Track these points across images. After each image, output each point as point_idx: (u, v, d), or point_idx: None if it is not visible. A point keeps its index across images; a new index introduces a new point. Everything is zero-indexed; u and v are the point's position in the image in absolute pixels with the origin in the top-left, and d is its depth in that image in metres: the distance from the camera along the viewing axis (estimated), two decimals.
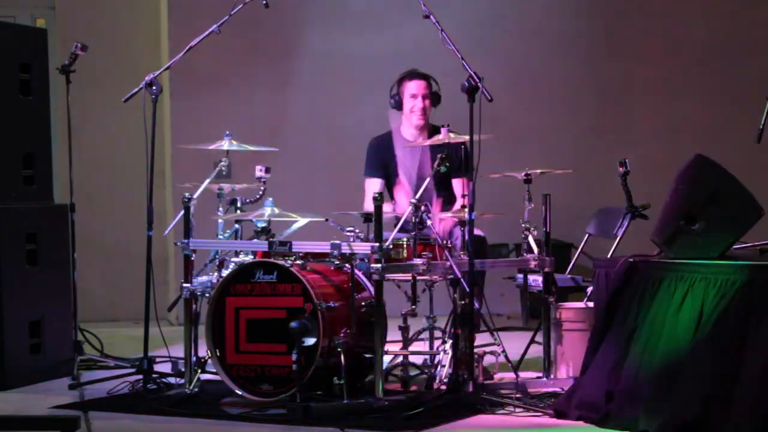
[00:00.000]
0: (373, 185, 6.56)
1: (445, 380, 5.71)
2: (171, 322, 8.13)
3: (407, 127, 6.57)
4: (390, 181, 6.58)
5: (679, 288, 4.98)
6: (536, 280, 6.02)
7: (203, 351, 5.77)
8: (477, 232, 6.23)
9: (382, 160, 6.59)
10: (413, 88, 6.48)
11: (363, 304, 5.73)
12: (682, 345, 4.89)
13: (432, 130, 6.46)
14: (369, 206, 6.42)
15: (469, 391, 5.41)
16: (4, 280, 6.19)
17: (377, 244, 5.45)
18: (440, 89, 6.50)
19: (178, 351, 6.07)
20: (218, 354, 5.64)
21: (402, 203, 6.30)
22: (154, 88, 6.08)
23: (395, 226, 5.78)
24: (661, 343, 4.97)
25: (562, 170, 6.17)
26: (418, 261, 5.64)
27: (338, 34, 9.23)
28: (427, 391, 5.76)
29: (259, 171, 6.03)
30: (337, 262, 5.77)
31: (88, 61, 6.62)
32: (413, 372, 6.03)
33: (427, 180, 5.80)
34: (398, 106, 6.55)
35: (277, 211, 5.80)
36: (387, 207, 6.20)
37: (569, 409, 5.23)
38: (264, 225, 5.86)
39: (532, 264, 5.93)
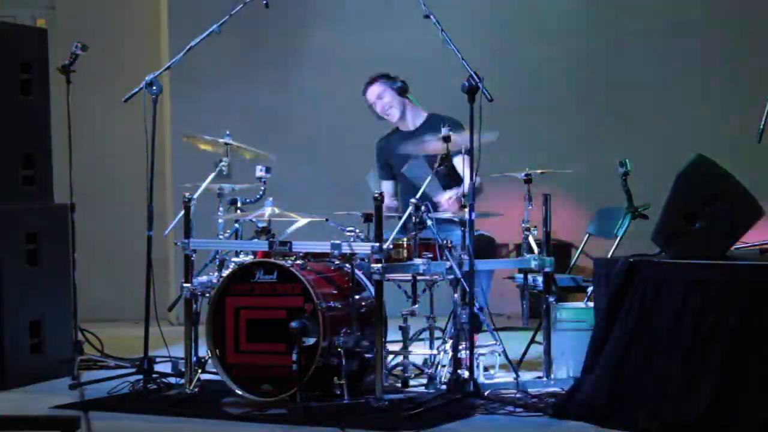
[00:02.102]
0: (385, 186, 6.69)
1: (445, 380, 5.71)
2: (171, 322, 8.13)
3: (393, 123, 6.72)
4: (394, 178, 6.68)
5: (679, 288, 4.97)
6: (536, 280, 6.02)
7: (203, 351, 5.78)
8: (483, 231, 6.25)
9: (387, 161, 6.70)
10: (369, 97, 6.67)
11: (363, 304, 5.73)
12: (683, 345, 4.89)
13: (429, 117, 6.57)
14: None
15: (469, 391, 5.41)
16: (4, 280, 6.19)
17: (377, 244, 5.45)
18: (396, 77, 6.59)
19: (178, 351, 6.07)
20: (218, 354, 5.64)
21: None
22: (154, 88, 6.08)
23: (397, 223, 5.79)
24: (662, 343, 4.97)
25: (562, 170, 6.17)
26: (418, 261, 5.64)
27: (338, 34, 9.23)
28: (427, 391, 5.77)
29: (259, 171, 6.03)
30: (337, 262, 5.77)
31: (88, 61, 6.62)
32: (413, 372, 6.03)
33: (428, 179, 5.80)
34: (378, 117, 6.71)
35: (277, 211, 5.81)
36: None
37: (569, 409, 5.23)
38: (264, 225, 5.86)
39: (533, 264, 5.93)
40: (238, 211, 6.07)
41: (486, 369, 6.02)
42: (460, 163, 6.24)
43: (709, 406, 4.73)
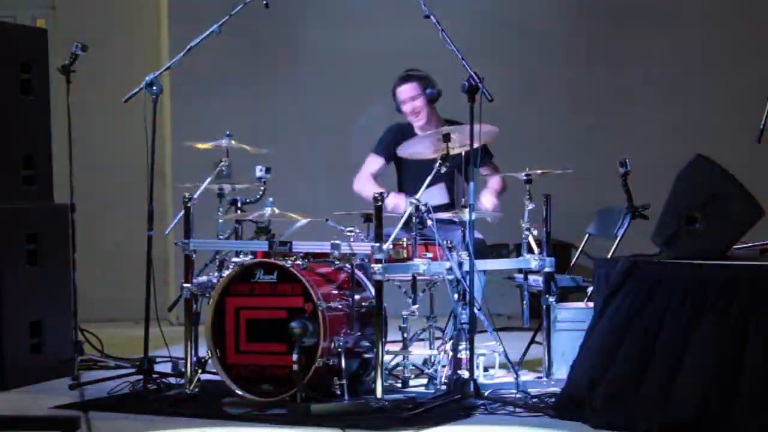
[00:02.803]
0: (373, 162, 6.59)
1: (445, 380, 5.71)
2: (171, 322, 8.13)
3: (417, 128, 6.58)
4: (398, 166, 6.60)
5: (679, 288, 4.97)
6: (536, 280, 6.02)
7: (203, 351, 5.77)
8: (476, 234, 6.22)
9: (396, 144, 6.38)
10: (402, 93, 6.53)
11: (363, 304, 5.73)
12: (682, 345, 4.88)
13: (447, 123, 6.50)
14: (360, 182, 6.48)
15: (469, 392, 5.41)
16: (4, 280, 6.19)
17: (377, 244, 5.45)
18: (434, 84, 6.51)
19: (178, 351, 6.06)
20: (218, 354, 5.64)
21: (394, 203, 6.31)
22: (154, 88, 6.08)
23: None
24: (661, 343, 4.96)
25: (562, 170, 6.17)
26: (418, 261, 5.64)
27: (338, 35, 9.24)
28: (427, 391, 5.77)
29: (259, 171, 6.03)
30: (337, 262, 5.77)
31: (88, 61, 6.62)
32: (413, 372, 6.03)
33: (428, 179, 5.79)
34: (397, 109, 6.60)
35: (277, 211, 5.80)
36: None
37: (569, 409, 5.22)
38: (264, 225, 5.86)
39: (533, 264, 5.93)
40: (239, 211, 6.07)
41: (486, 369, 6.02)
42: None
43: (709, 405, 4.73)
